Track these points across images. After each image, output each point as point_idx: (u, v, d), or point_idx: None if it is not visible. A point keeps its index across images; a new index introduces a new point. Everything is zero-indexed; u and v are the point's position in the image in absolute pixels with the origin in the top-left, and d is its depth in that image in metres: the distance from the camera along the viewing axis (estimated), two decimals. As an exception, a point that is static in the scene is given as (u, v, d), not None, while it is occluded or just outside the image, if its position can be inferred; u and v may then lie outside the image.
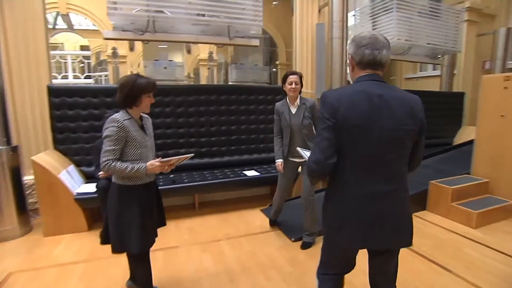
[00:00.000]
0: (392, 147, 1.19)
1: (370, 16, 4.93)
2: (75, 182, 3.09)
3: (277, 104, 2.63)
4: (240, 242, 2.78)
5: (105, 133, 1.58)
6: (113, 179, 1.70)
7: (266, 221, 3.23)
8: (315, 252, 2.52)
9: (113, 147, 1.57)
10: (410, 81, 8.54)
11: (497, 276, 2.25)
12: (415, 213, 3.47)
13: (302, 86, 2.51)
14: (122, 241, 1.66)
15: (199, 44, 10.82)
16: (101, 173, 2.80)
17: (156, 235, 1.87)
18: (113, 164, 1.57)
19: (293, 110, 2.54)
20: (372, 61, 1.21)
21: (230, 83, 10.72)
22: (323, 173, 1.23)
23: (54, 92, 3.23)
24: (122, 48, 9.21)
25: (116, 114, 1.63)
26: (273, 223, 3.11)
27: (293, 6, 4.46)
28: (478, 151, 3.82)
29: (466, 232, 2.96)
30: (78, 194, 2.94)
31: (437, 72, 7.30)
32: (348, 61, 1.38)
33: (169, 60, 9.57)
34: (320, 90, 4.61)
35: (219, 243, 2.76)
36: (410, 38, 4.75)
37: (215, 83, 10.29)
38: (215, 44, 4.17)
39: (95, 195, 2.80)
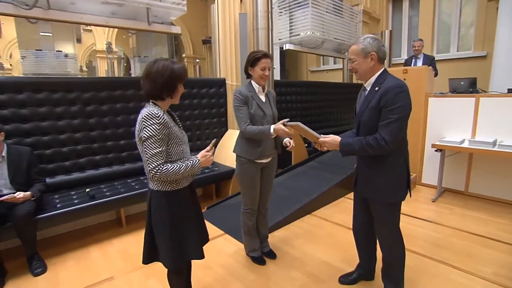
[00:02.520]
0: None
1: (286, 10, 5.06)
2: None
3: (241, 90, 2.04)
4: (188, 256, 2.44)
5: (144, 133, 1.30)
6: (154, 186, 1.41)
7: (209, 226, 2.95)
8: (275, 252, 2.44)
9: (160, 149, 1.32)
10: (315, 73, 9.35)
11: (424, 240, 2.60)
12: (345, 196, 3.76)
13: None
14: (182, 252, 1.46)
15: (94, 33, 9.38)
16: None
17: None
18: (164, 168, 1.32)
19: (263, 98, 2.09)
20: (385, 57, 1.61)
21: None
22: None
23: None
24: (-17, 33, 7.13)
25: (149, 108, 1.33)
26: (262, 260, 2.30)
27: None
28: (385, 134, 4.39)
29: (390, 206, 3.35)
30: None
31: (338, 66, 8.19)
32: (366, 56, 1.56)
33: (58, 51, 7.89)
34: (246, 83, 4.51)
35: (164, 261, 2.36)
36: (323, 33, 5.10)
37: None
38: (130, 29, 3.56)
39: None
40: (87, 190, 2.75)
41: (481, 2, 6.10)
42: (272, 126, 1.91)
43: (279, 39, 5.22)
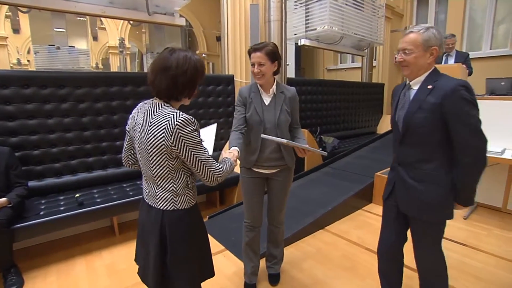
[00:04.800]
0: None
1: (302, 3, 4.69)
2: None
3: (242, 88, 1.81)
4: (181, 275, 2.14)
5: (187, 143, 1.09)
6: (170, 206, 1.18)
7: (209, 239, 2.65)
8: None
9: (210, 153, 1.21)
10: (332, 72, 8.89)
11: (461, 270, 2.18)
12: (363, 208, 3.37)
13: (279, 66, 1.70)
14: (201, 274, 1.30)
15: (108, 30, 9.32)
16: None
17: None
18: (223, 168, 1.22)
19: (266, 101, 1.76)
20: None
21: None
22: None
23: None
24: (-1, 27, 7.13)
25: (178, 112, 1.09)
26: None
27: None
28: (410, 139, 3.96)
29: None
30: None
31: (357, 64, 7.71)
32: (427, 50, 1.33)
33: (70, 46, 7.82)
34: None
35: (152, 282, 2.07)
36: (342, 28, 4.69)
37: (130, 74, 8.95)
38: (128, 20, 3.30)
39: None
40: (76, 195, 2.50)
41: (520, -4, 5.51)
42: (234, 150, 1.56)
43: (294, 34, 4.85)
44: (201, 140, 1.14)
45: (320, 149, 1.62)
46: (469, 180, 1.33)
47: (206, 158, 1.14)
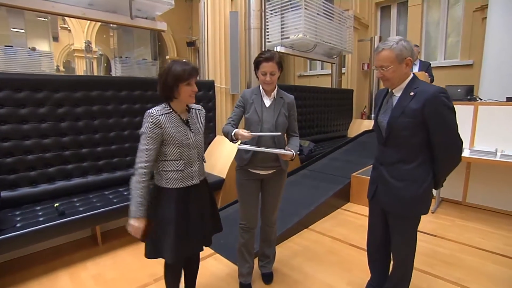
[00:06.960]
0: None
1: (277, 11, 4.87)
2: None
3: (246, 91, 1.92)
4: (173, 281, 2.12)
5: (141, 129, 1.43)
6: (155, 181, 1.52)
7: (197, 243, 2.65)
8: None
9: (147, 146, 1.41)
10: (303, 78, 9.22)
11: (432, 257, 2.40)
12: (342, 207, 3.55)
13: (281, 71, 1.85)
14: (156, 246, 1.50)
15: (73, 31, 8.88)
16: None
17: (208, 243, 1.68)
18: (139, 172, 1.41)
19: (267, 103, 1.86)
20: None
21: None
22: None
23: None
24: None
25: (155, 108, 1.44)
26: None
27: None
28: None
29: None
30: None
31: (326, 71, 8.09)
32: (402, 62, 1.44)
33: (30, 48, 7.31)
34: (236, 85, 4.27)
35: (146, 289, 2.04)
36: (315, 37, 4.93)
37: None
38: (110, 23, 3.23)
39: None
40: (56, 205, 2.38)
41: (467, 12, 6.18)
42: (235, 130, 1.74)
43: (268, 42, 5.01)
44: (150, 134, 1.39)
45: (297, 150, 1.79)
46: (445, 172, 1.53)
47: (140, 149, 1.41)
